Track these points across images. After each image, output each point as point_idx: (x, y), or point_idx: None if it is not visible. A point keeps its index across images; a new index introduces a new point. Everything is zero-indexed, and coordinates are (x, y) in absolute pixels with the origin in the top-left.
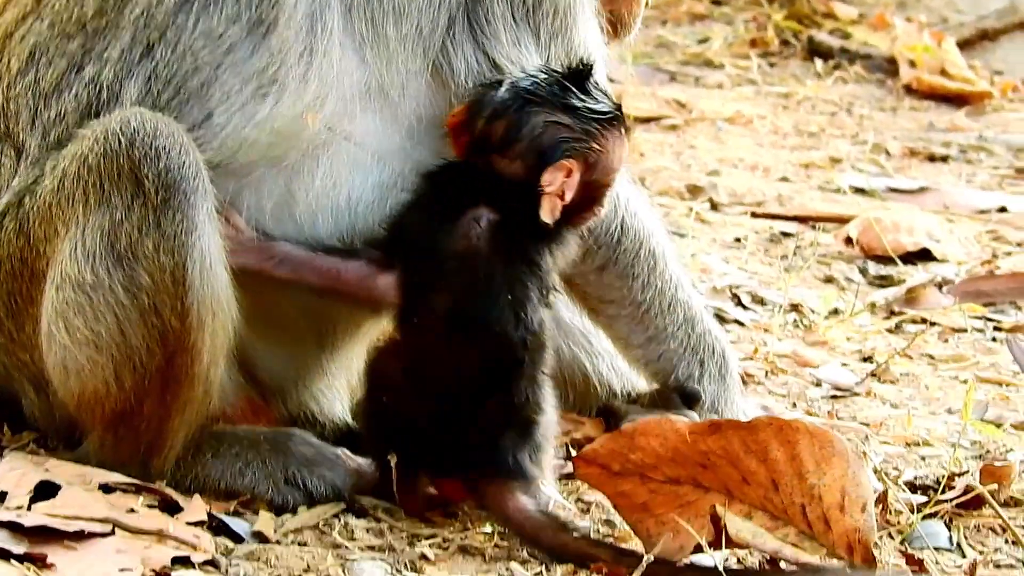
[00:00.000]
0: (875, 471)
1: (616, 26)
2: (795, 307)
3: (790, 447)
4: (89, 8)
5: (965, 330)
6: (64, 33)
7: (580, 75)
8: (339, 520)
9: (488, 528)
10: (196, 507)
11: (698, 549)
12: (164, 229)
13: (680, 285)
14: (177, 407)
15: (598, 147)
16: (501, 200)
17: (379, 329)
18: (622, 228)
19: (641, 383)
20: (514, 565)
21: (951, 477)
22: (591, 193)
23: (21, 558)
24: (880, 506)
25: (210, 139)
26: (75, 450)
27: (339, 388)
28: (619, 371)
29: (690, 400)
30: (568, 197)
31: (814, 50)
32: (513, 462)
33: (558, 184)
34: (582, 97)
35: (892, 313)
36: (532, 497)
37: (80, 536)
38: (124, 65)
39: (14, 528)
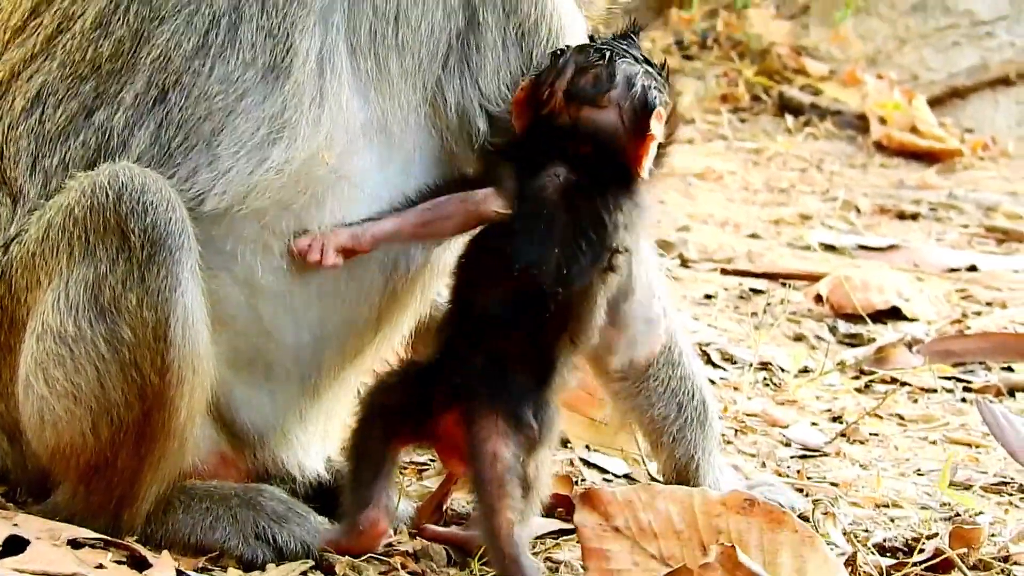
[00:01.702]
0: (844, 533)
1: None
2: (765, 365)
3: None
4: (105, 49)
5: (935, 390)
6: (76, 74)
7: (633, 35)
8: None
9: None
10: (165, 563)
11: None
12: (148, 284)
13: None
14: (151, 461)
15: (670, 99)
16: (577, 155)
17: (360, 379)
18: None
19: None
20: None
21: (921, 540)
22: (659, 148)
23: None
24: (850, 568)
25: (220, 184)
26: (44, 502)
27: (315, 437)
28: None
29: None
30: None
31: (785, 106)
32: (513, 401)
33: (660, 130)
34: (644, 53)
35: (862, 372)
36: (514, 452)
37: None
38: (137, 110)
39: None
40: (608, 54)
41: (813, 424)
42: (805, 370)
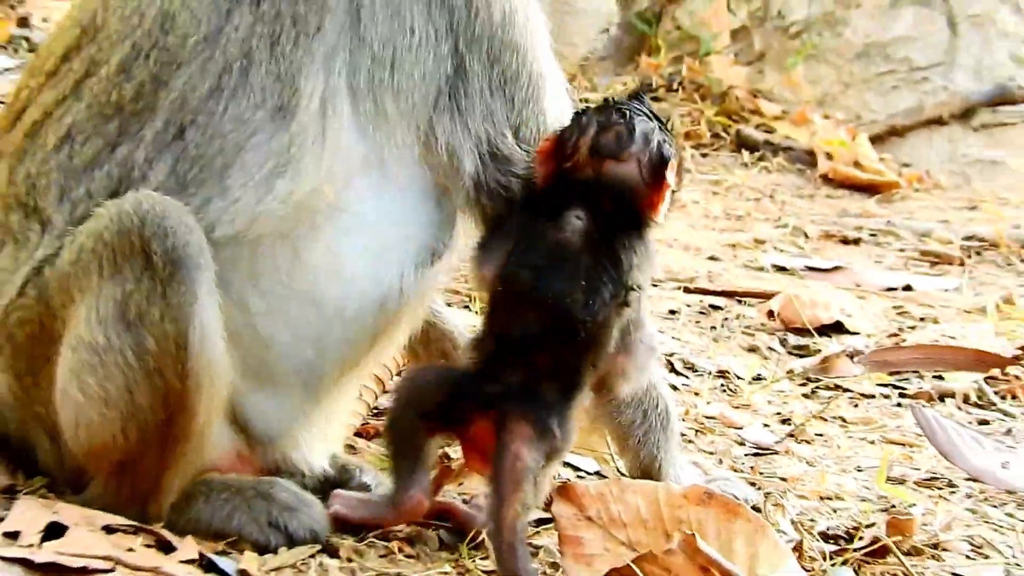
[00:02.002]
0: (792, 522)
1: None
2: (722, 373)
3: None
4: (128, 92)
5: (873, 396)
6: (102, 114)
7: (640, 95)
8: (315, 560)
9: (446, 567)
10: (188, 547)
11: None
12: (169, 300)
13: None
14: (175, 459)
15: (677, 152)
16: (598, 202)
17: (364, 383)
18: None
19: None
20: None
21: (859, 528)
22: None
23: None
24: (797, 554)
25: (227, 213)
26: (81, 494)
27: (319, 437)
28: None
29: None
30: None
31: (742, 143)
32: (543, 413)
33: (674, 179)
34: (653, 110)
35: (808, 380)
36: (535, 456)
37: (84, 572)
38: (156, 146)
39: (26, 564)
40: (627, 114)
41: (765, 426)
42: (758, 378)
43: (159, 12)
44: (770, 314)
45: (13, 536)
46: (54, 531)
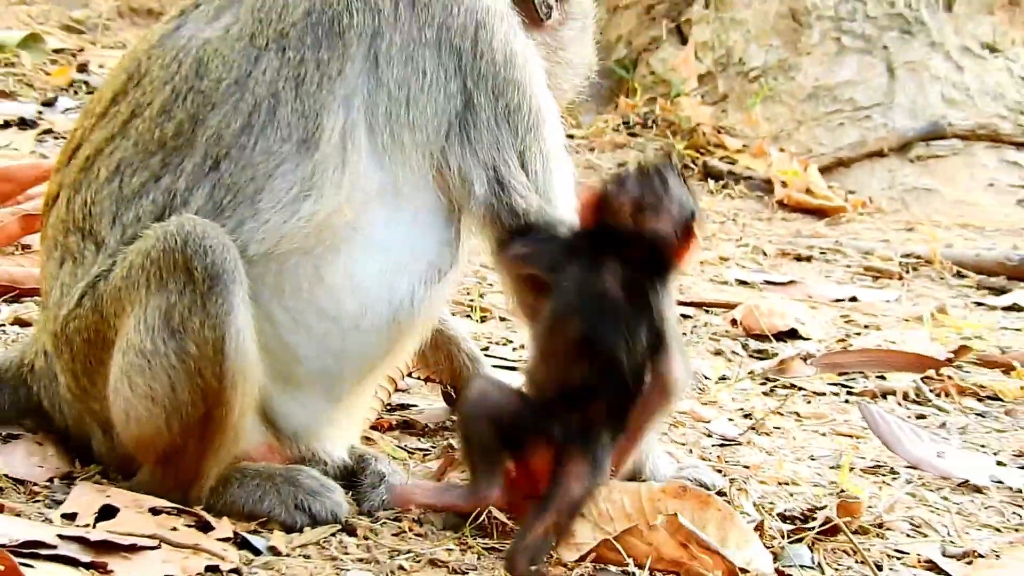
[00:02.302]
0: (754, 505)
1: None
2: (692, 374)
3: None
4: (169, 130)
5: (824, 394)
6: (147, 150)
7: (670, 161)
8: (335, 538)
9: (451, 545)
10: (224, 526)
11: None
12: (208, 310)
13: None
14: (212, 448)
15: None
16: (634, 254)
17: (379, 383)
18: None
19: None
20: (472, 575)
21: (813, 510)
22: None
23: (88, 565)
24: (759, 532)
25: (258, 233)
26: (131, 480)
27: (339, 432)
28: None
29: None
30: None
31: (708, 172)
32: (597, 450)
33: (701, 234)
34: (682, 175)
35: (767, 380)
36: (584, 489)
37: (133, 549)
38: (195, 176)
39: (82, 542)
40: (664, 179)
41: (730, 420)
42: (723, 378)
43: (195, 60)
44: (733, 322)
45: (71, 517)
46: (107, 513)
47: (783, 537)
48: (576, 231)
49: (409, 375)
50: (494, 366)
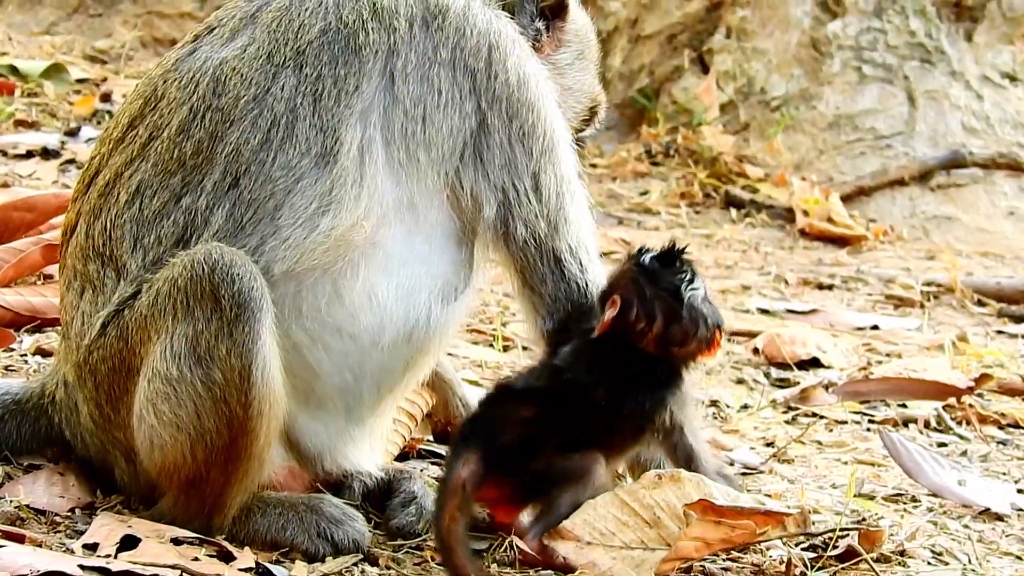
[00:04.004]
0: (779, 537)
1: None
2: (714, 403)
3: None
4: (188, 149)
5: (846, 422)
6: (167, 170)
7: (679, 256)
8: (357, 568)
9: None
10: (246, 557)
11: None
12: (235, 338)
13: None
14: (237, 476)
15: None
16: (652, 367)
17: (395, 404)
18: None
19: None
20: None
21: (836, 538)
22: None
23: None
24: (784, 565)
25: (280, 251)
26: (152, 509)
27: (362, 453)
28: None
29: None
30: None
31: (730, 201)
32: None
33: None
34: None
35: (789, 408)
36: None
37: None
38: (215, 194)
39: (103, 572)
40: (693, 300)
41: (751, 448)
42: (745, 406)
43: (212, 79)
44: (755, 351)
45: (92, 547)
46: (128, 543)
47: (806, 565)
48: (594, 338)
49: (427, 416)
50: None
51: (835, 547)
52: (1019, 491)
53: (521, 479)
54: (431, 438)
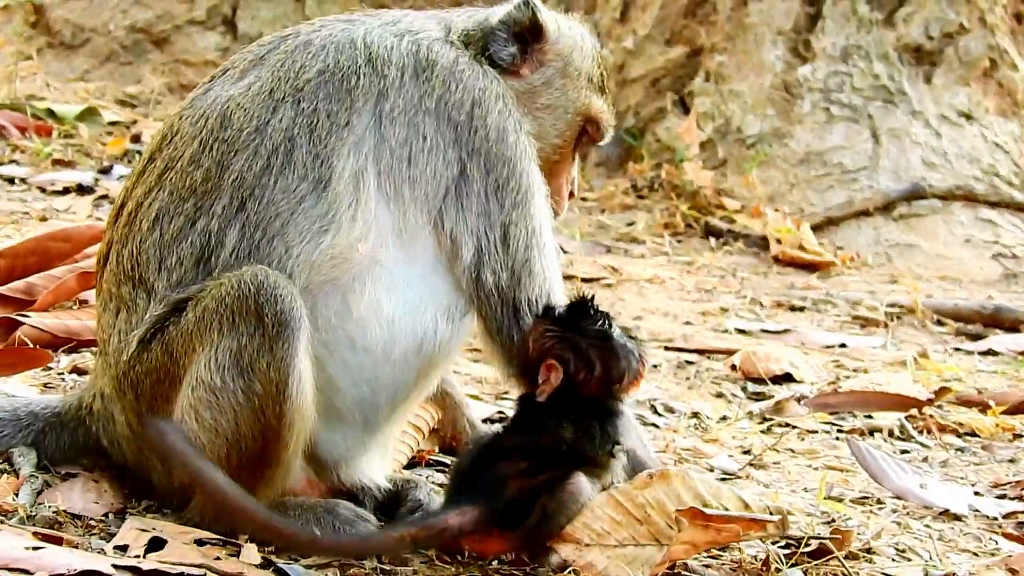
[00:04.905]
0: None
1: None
2: (695, 414)
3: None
4: (198, 177)
5: (816, 432)
6: (180, 197)
7: (586, 306)
8: (368, 563)
9: (475, 572)
10: (250, 551)
11: None
12: (275, 353)
13: None
14: (264, 480)
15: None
16: (602, 393)
17: (407, 415)
18: None
19: None
20: None
21: (807, 537)
22: None
23: None
24: (762, 563)
25: (292, 266)
26: (180, 512)
27: (376, 462)
28: None
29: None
30: None
31: (709, 231)
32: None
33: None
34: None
35: (764, 419)
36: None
37: None
38: (225, 217)
39: (135, 571)
40: (620, 340)
41: (730, 456)
42: (724, 418)
43: (219, 114)
44: (733, 367)
45: (123, 549)
46: (156, 544)
47: (781, 562)
48: (531, 402)
49: (434, 431)
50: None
51: (808, 545)
52: (975, 493)
53: (523, 533)
54: (438, 450)
